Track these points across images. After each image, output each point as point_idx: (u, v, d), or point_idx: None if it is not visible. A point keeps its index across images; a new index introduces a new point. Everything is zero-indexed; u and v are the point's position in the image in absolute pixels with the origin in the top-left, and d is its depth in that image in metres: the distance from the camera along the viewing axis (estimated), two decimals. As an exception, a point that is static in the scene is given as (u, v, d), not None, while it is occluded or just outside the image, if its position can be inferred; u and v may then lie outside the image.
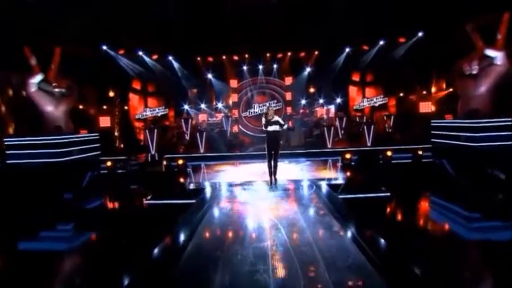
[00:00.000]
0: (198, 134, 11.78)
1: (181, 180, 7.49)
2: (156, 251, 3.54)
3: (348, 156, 8.81)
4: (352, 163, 8.80)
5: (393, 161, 8.68)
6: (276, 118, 6.54)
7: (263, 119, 6.57)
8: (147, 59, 13.97)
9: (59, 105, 9.87)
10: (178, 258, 3.28)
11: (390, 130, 12.92)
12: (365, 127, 11.54)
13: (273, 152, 6.56)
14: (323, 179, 7.19)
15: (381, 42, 13.50)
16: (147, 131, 11.72)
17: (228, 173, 8.65)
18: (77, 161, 9.16)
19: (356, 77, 15.37)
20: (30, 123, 9.90)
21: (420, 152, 8.47)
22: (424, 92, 12.99)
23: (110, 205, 6.54)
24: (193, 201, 5.57)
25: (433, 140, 9.42)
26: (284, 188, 6.43)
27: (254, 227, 4.20)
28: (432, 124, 9.56)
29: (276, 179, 6.72)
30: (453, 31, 9.30)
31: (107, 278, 3.04)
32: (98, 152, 10.66)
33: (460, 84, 8.45)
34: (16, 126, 10.99)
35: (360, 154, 9.28)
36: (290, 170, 8.69)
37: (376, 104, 14.79)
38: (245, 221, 4.48)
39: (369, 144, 11.55)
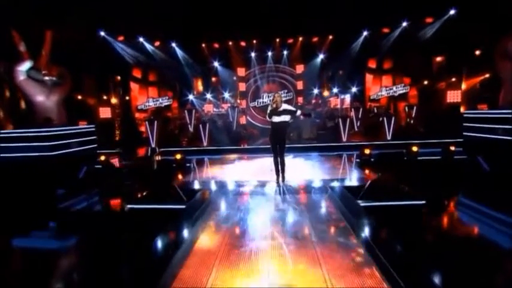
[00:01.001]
0: (201, 126, 10.82)
1: (174, 178, 6.55)
2: None
3: (367, 151, 7.66)
4: (372, 159, 7.65)
5: (419, 158, 7.48)
6: (285, 106, 5.48)
7: (269, 108, 5.53)
8: (148, 46, 13.00)
9: (50, 94, 9.07)
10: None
11: (412, 122, 11.57)
12: (384, 118, 10.27)
13: (278, 147, 5.53)
14: (339, 179, 6.10)
15: (404, 24, 12.01)
16: (147, 123, 10.85)
17: (231, 170, 7.66)
18: (69, 154, 8.38)
19: (373, 64, 13.93)
20: (18, 114, 9.15)
21: (452, 148, 7.21)
22: (453, 79, 11.49)
23: (96, 205, 5.69)
24: (183, 206, 4.63)
25: (465, 133, 8.12)
26: (292, 191, 5.39)
27: (251, 250, 3.20)
28: (465, 115, 8.24)
29: (284, 177, 5.69)
30: (495, 5, 7.84)
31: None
32: (94, 145, 9.89)
33: (504, 67, 7.08)
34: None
35: (381, 150, 8.11)
36: (300, 167, 7.62)
37: (396, 94, 13.38)
38: (240, 240, 3.48)
39: (388, 137, 10.29)
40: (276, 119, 5.41)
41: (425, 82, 12.57)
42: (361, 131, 11.64)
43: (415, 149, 7.41)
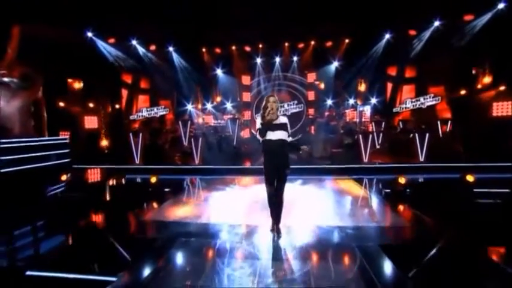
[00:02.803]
0: (192, 141, 8.98)
1: (128, 217, 4.61)
2: None
3: (401, 181, 5.57)
4: (407, 190, 5.54)
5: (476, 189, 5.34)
6: (282, 119, 3.55)
7: (258, 120, 3.61)
8: (142, 49, 11.48)
9: (12, 99, 7.46)
10: None
11: (448, 140, 9.35)
12: (416, 135, 8.14)
13: (276, 178, 3.55)
14: (368, 227, 4.02)
15: (436, 24, 10.01)
16: (130, 135, 9.10)
17: (217, 201, 5.70)
18: (26, 171, 6.67)
19: (396, 72, 11.90)
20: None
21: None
22: (502, 88, 9.27)
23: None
24: (114, 278, 2.70)
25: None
26: (294, 251, 3.34)
27: None
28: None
29: (278, 230, 3.65)
30: None
31: None
32: (66, 160, 8.20)
33: None
34: None
35: (414, 175, 5.99)
36: (307, 201, 5.56)
37: (424, 105, 11.24)
38: None
39: (421, 159, 8.13)
40: (272, 135, 3.47)
41: (462, 92, 10.38)
42: (384, 149, 9.50)
43: (470, 178, 5.28)
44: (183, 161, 9.44)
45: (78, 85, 10.71)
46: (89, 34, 10.35)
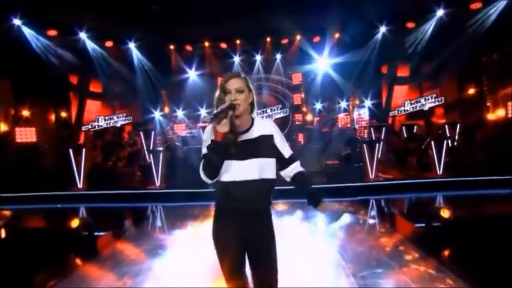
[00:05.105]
0: (152, 157, 6.86)
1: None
2: None
3: (444, 213, 3.77)
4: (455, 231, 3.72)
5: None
6: (262, 128, 1.57)
7: (206, 135, 1.55)
8: (92, 45, 9.22)
9: None
10: None
11: (462, 147, 7.77)
12: (432, 143, 6.46)
13: (243, 263, 1.57)
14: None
15: (439, 14, 8.55)
16: (70, 152, 6.85)
17: (172, 250, 3.63)
18: None
19: (391, 70, 10.38)
20: None
21: None
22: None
23: None
24: None
25: None
26: None
27: None
28: None
29: None
30: None
31: None
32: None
33: None
34: None
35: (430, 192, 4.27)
36: (299, 243, 3.60)
37: (425, 107, 9.72)
38: None
39: (439, 172, 6.45)
40: (235, 171, 1.48)
41: (470, 91, 8.92)
42: (388, 160, 7.77)
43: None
44: (143, 182, 7.29)
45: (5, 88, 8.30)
46: (16, 22, 7.92)
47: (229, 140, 1.44)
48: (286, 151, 1.62)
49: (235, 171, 1.48)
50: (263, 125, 1.59)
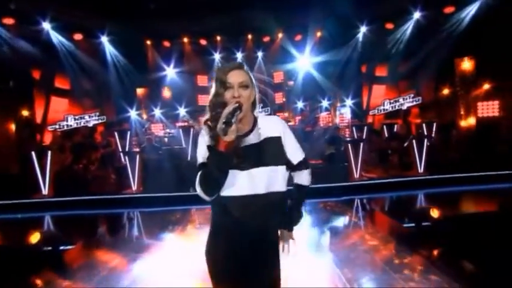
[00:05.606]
0: (127, 159, 6.36)
1: None
2: None
3: (434, 214, 3.73)
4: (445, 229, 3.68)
5: None
6: (268, 129, 1.30)
7: (202, 141, 1.27)
8: (59, 37, 8.45)
9: None
10: None
11: (439, 146, 7.96)
12: (414, 142, 6.53)
13: None
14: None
15: (416, 16, 8.72)
16: (33, 154, 6.17)
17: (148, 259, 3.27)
18: None
19: (375, 70, 10.51)
20: None
21: None
22: (486, 86, 8.20)
23: None
24: None
25: None
26: None
27: None
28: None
29: None
30: None
31: None
32: None
33: None
34: None
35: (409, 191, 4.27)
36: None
37: (404, 107, 9.93)
38: None
39: (420, 170, 6.54)
40: (241, 184, 1.21)
41: (444, 91, 9.20)
42: (371, 159, 7.79)
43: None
44: (119, 186, 6.76)
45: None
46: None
47: (232, 147, 1.15)
48: (295, 157, 1.36)
49: (237, 183, 1.21)
50: (268, 125, 1.32)
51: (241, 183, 1.21)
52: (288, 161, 1.33)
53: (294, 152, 1.35)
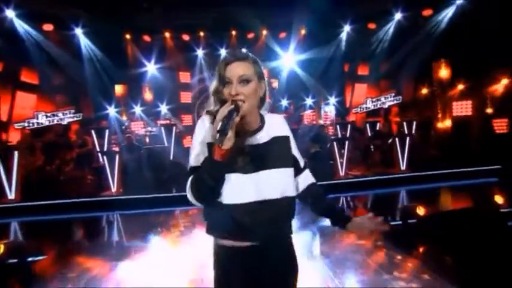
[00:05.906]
0: (106, 158, 6.00)
1: None
2: None
3: (420, 211, 3.76)
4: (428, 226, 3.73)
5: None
6: (275, 128, 1.16)
7: (196, 135, 1.12)
8: (25, 27, 7.80)
9: None
10: None
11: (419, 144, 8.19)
12: (396, 140, 6.66)
13: None
14: None
15: (397, 17, 8.91)
16: (-1, 156, 5.66)
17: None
18: None
19: (357, 69, 10.66)
20: None
21: None
22: (460, 87, 8.54)
23: None
24: None
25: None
26: None
27: None
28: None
29: None
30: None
31: None
32: None
33: None
34: None
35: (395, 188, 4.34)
36: None
37: (385, 105, 10.16)
38: None
39: (403, 168, 6.68)
40: (247, 190, 1.06)
41: (423, 91, 9.49)
42: (355, 157, 7.88)
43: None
44: (97, 187, 6.37)
45: None
46: None
47: (233, 148, 1.00)
48: (301, 158, 1.24)
49: (245, 189, 1.06)
50: (276, 124, 1.19)
51: (249, 188, 1.06)
52: (296, 164, 1.21)
53: (298, 153, 1.24)
